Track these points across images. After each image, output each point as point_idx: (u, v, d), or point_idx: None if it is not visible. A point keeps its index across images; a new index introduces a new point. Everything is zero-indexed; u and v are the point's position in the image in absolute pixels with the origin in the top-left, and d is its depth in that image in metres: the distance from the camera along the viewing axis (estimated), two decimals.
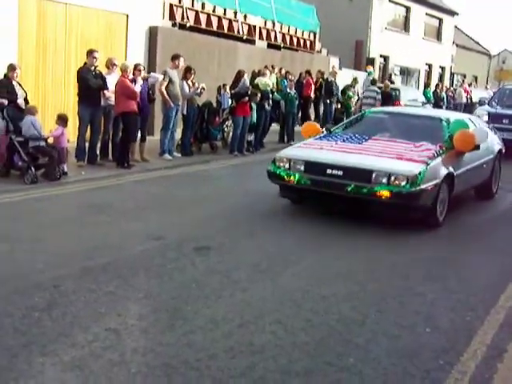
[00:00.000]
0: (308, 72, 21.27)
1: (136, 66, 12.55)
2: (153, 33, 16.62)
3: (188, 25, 18.21)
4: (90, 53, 11.62)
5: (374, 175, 8.26)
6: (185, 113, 13.61)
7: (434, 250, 7.79)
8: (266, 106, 15.87)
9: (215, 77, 17.48)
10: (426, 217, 8.66)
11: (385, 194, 8.16)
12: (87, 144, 11.90)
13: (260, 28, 21.98)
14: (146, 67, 14.03)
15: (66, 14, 14.22)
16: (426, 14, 39.90)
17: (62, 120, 10.92)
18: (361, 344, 4.86)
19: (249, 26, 21.27)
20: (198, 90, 13.77)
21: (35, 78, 13.59)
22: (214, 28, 19.50)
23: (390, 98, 20.63)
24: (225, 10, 20.07)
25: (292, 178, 8.80)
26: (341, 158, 8.70)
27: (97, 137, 12.08)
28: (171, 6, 17.65)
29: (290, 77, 18.72)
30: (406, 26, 38.11)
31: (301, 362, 4.50)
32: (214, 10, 19.60)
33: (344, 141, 9.42)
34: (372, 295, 6.00)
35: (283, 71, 19.82)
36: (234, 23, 20.44)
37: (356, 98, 21.71)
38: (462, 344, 4.96)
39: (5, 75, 10.69)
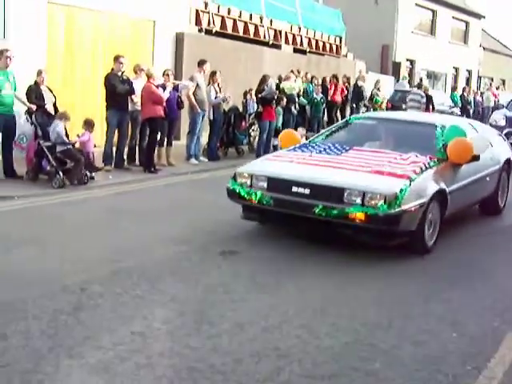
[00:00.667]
0: (335, 76, 21.20)
1: (165, 72, 12.62)
2: (179, 38, 16.71)
3: (214, 30, 18.28)
4: (117, 58, 11.72)
5: (345, 194, 6.93)
6: (211, 118, 13.66)
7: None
8: (293, 109, 15.88)
9: (241, 82, 17.52)
10: (411, 242, 7.32)
11: (359, 216, 6.81)
12: (114, 148, 12.00)
13: (286, 33, 21.99)
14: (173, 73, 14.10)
15: (94, 21, 14.37)
16: (453, 17, 39.72)
17: (89, 125, 11.03)
18: (386, 349, 4.83)
19: (275, 30, 21.29)
20: (225, 98, 13.83)
21: (63, 83, 13.72)
22: (241, 33, 19.54)
23: (431, 100, 19.89)
24: (251, 15, 20.12)
25: (253, 196, 7.52)
26: (309, 173, 7.40)
27: (124, 141, 12.18)
28: (197, 11, 17.73)
29: (315, 81, 18.71)
30: (432, 30, 37.97)
31: (326, 366, 4.48)
32: (240, 16, 19.66)
33: (320, 152, 8.06)
34: (397, 300, 5.97)
35: (309, 76, 19.81)
36: (260, 28, 20.48)
37: (384, 103, 21.59)
38: (490, 349, 4.90)
39: (35, 82, 10.83)
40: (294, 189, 7.20)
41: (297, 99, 16.38)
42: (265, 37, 20.62)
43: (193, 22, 17.58)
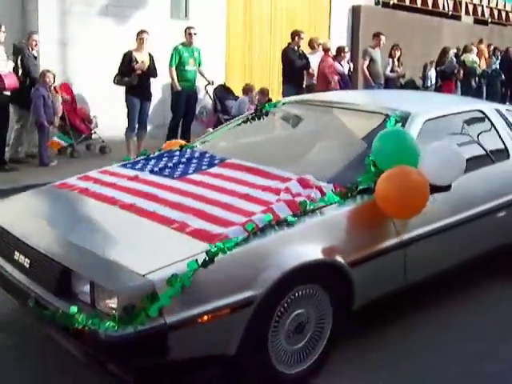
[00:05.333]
0: None
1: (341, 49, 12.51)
2: (356, 11, 16.47)
3: (391, 2, 17.88)
4: (297, 34, 11.74)
5: (73, 279, 3.47)
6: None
7: None
8: (473, 83, 15.24)
9: (418, 55, 17.01)
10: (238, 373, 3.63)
11: (80, 331, 3.22)
12: None
13: (466, 3, 21.07)
14: (349, 46, 13.98)
15: None
16: None
17: (263, 94, 11.20)
18: None
19: (454, 1, 20.49)
20: (401, 74, 13.54)
21: (242, 58, 14.02)
22: (419, 5, 18.96)
23: None
24: None
25: None
26: (41, 226, 4.01)
27: None
28: None
29: (497, 53, 17.83)
30: None
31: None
32: None
33: (160, 170, 4.78)
34: None
35: (492, 47, 18.89)
36: None
37: None
38: None
39: None
40: (16, 255, 3.87)
41: (477, 72, 15.68)
42: (444, 8, 19.90)
43: None
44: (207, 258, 3.29)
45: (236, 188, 4.20)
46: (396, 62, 13.39)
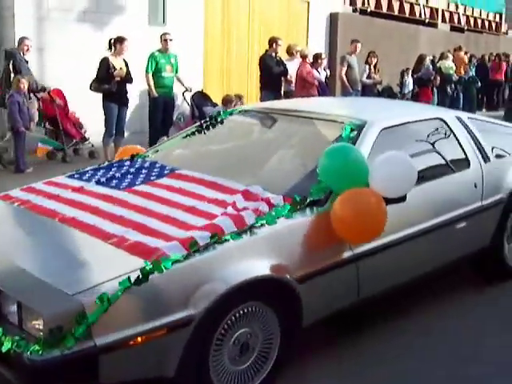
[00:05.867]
0: (498, 55, 20.23)
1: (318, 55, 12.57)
2: (333, 19, 16.59)
3: (369, 10, 18.03)
4: (274, 40, 11.77)
5: (1, 299, 3.22)
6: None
7: None
8: (448, 90, 15.39)
9: (396, 62, 17.17)
10: None
11: (6, 354, 3.00)
12: None
13: (443, 11, 21.32)
14: (326, 53, 14.06)
15: (249, 3, 14.52)
16: None
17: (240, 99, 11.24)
18: None
19: (431, 9, 20.73)
20: (378, 81, 13.66)
21: (220, 64, 14.05)
22: (396, 12, 19.17)
23: None
24: None
25: None
26: None
27: None
28: None
29: (474, 60, 18.03)
30: None
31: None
32: None
33: (107, 180, 4.54)
34: None
35: (468, 55, 19.10)
36: (416, 7, 20.02)
37: None
38: None
39: None
40: None
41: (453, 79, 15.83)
42: (420, 15, 20.10)
43: (347, 2, 17.42)
44: (141, 276, 3.09)
45: (182, 200, 3.99)
46: (372, 69, 13.51)
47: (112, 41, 9.83)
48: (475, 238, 5.08)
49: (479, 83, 16.59)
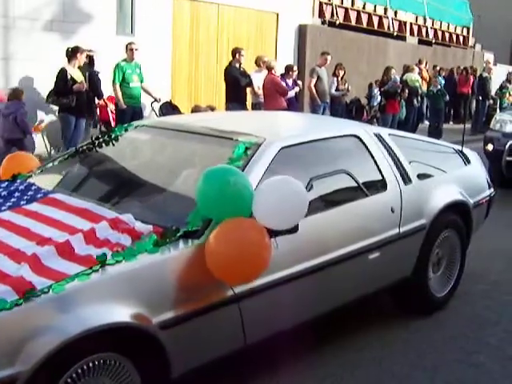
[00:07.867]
0: (465, 69, 20.47)
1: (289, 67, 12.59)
2: (302, 31, 16.64)
3: (338, 22, 18.12)
4: (237, 51, 11.70)
5: None
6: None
7: None
8: (415, 102, 15.53)
9: (364, 74, 17.28)
10: None
11: None
12: None
13: (411, 24, 21.54)
14: (295, 64, 14.09)
15: (218, 15, 14.54)
16: None
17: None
18: (493, 343, 4.64)
19: (399, 22, 20.92)
20: (346, 92, 13.75)
21: (188, 74, 14.01)
22: (364, 25, 19.28)
23: None
24: (375, 7, 19.83)
25: None
26: None
27: None
28: (321, 3, 17.60)
29: (442, 73, 18.22)
30: None
31: (429, 356, 4.36)
32: (364, 7, 19.40)
33: None
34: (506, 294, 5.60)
35: (437, 68, 19.29)
36: (385, 20, 20.15)
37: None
38: None
39: None
40: None
41: (419, 91, 15.98)
42: (389, 28, 20.26)
43: (316, 14, 17.49)
44: None
45: (42, 231, 3.42)
46: (340, 81, 13.58)
47: (70, 50, 9.68)
48: (393, 269, 4.59)
49: (447, 96, 16.76)
